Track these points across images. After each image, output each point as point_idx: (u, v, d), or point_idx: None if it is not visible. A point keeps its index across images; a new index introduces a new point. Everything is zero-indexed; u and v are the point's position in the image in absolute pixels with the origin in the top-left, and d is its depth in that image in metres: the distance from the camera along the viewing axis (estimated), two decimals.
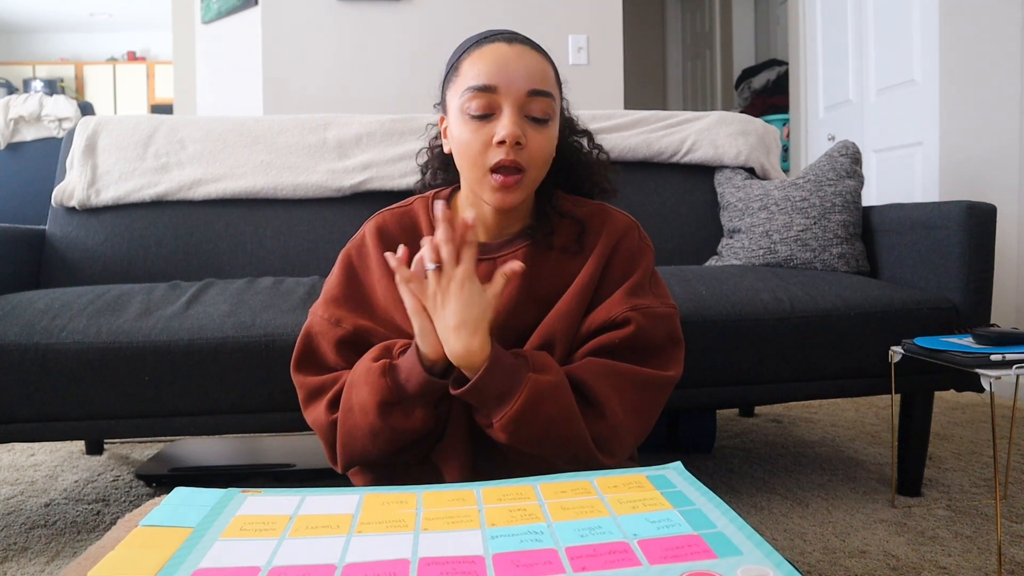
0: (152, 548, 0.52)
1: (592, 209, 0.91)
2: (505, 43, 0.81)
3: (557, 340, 0.83)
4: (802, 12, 3.27)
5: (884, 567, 1.13)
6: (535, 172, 0.82)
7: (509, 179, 0.80)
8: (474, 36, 0.86)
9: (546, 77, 0.82)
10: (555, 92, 0.84)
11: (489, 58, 0.80)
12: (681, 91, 5.46)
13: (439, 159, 0.96)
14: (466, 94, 0.80)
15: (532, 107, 0.80)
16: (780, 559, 0.49)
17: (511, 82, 0.79)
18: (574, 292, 0.85)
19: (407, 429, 0.76)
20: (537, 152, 0.81)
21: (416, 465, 0.84)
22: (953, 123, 2.40)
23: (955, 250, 1.38)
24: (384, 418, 0.75)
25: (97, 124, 1.76)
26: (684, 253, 1.77)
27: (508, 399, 0.73)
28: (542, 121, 0.81)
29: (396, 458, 0.81)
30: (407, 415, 0.76)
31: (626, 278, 0.87)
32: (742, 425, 2.04)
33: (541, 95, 0.80)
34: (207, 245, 1.67)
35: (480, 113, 0.80)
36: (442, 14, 2.83)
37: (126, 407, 1.18)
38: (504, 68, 0.79)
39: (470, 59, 0.82)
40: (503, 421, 0.73)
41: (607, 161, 0.96)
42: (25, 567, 1.19)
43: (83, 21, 7.79)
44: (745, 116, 1.96)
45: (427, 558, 0.51)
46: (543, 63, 0.83)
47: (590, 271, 0.86)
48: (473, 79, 0.80)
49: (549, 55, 0.86)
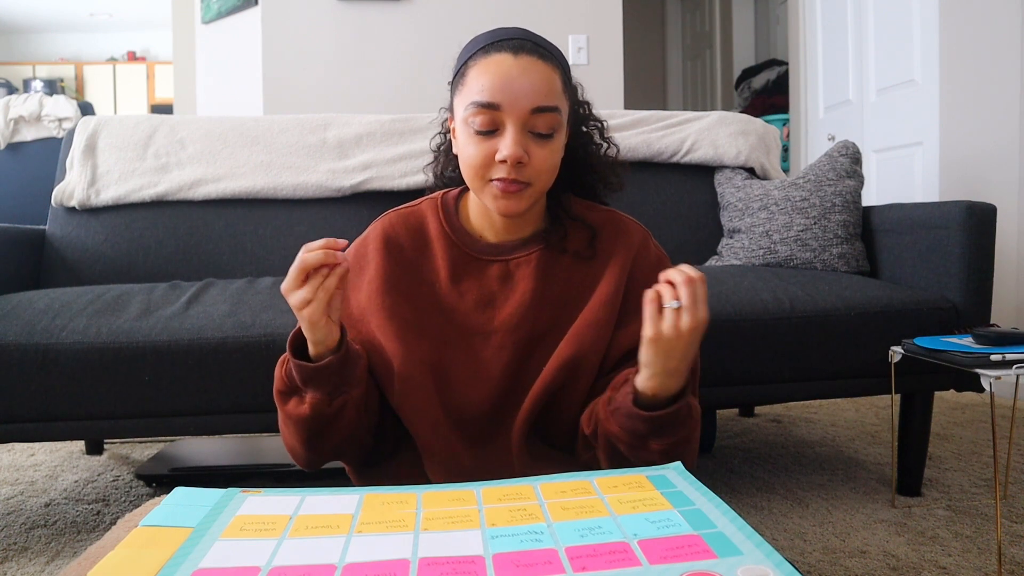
0: (152, 548, 0.52)
1: (605, 216, 0.91)
2: (511, 54, 0.79)
3: (587, 352, 0.83)
4: (802, 12, 3.27)
5: (884, 567, 1.13)
6: (540, 185, 0.82)
7: (511, 186, 0.79)
8: (482, 37, 0.84)
9: (552, 91, 0.80)
10: (561, 103, 0.82)
11: (494, 72, 0.79)
12: (681, 91, 5.46)
13: (450, 156, 0.95)
14: (470, 108, 0.79)
15: (536, 123, 0.79)
16: (780, 559, 0.49)
17: (515, 100, 0.78)
18: (601, 303, 0.85)
19: (302, 415, 0.78)
20: (540, 166, 0.80)
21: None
22: (953, 123, 2.40)
23: (955, 250, 1.38)
24: (283, 406, 0.80)
25: (97, 124, 1.76)
26: (684, 253, 1.77)
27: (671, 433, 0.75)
28: (546, 136, 0.80)
29: (331, 456, 0.84)
30: (300, 401, 0.78)
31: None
32: (742, 425, 2.04)
33: (545, 111, 0.79)
34: (207, 245, 1.67)
35: (483, 129, 0.79)
36: (442, 14, 2.83)
37: (126, 407, 1.18)
38: (508, 85, 0.78)
39: (476, 69, 0.80)
40: (662, 447, 0.74)
41: (615, 157, 0.95)
42: (25, 567, 1.19)
43: (83, 21, 7.79)
44: (745, 116, 1.96)
45: (427, 558, 0.51)
46: (549, 74, 0.81)
47: (613, 283, 0.86)
48: (477, 94, 0.79)
49: (558, 56, 0.84)
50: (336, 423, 0.79)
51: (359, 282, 0.88)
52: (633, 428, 0.74)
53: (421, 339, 0.84)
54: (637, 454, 0.75)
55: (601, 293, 0.85)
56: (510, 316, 0.85)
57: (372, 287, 0.86)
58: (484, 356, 0.85)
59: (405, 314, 0.85)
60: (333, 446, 0.82)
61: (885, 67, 2.71)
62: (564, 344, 0.84)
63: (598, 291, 0.86)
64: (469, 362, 0.85)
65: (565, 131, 0.85)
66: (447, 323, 0.86)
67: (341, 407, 0.78)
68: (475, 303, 0.86)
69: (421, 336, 0.84)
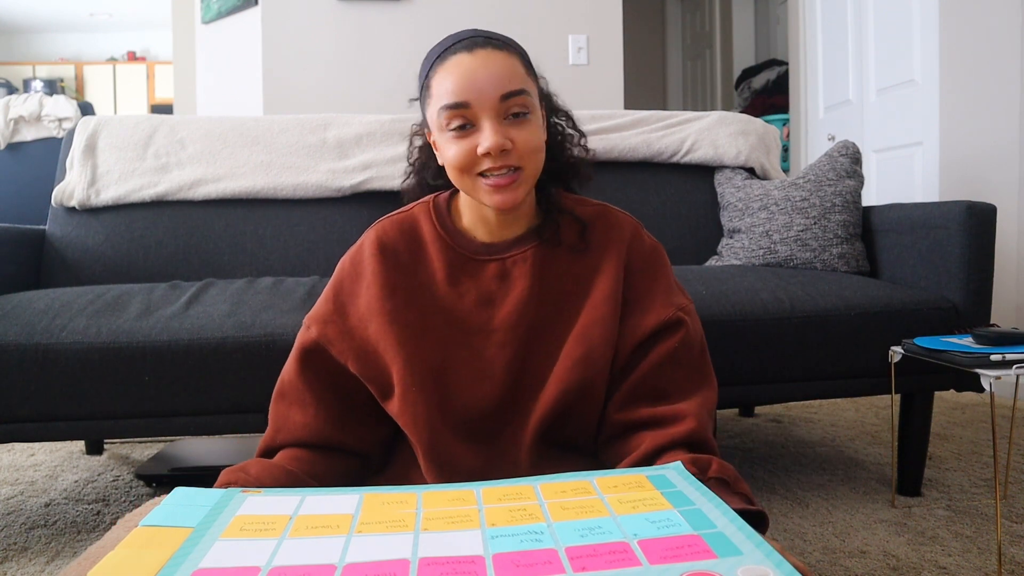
0: (152, 548, 0.52)
1: (595, 210, 0.92)
2: (466, 52, 0.80)
3: (596, 348, 0.84)
4: (802, 12, 3.27)
5: (884, 567, 1.13)
6: (531, 166, 0.82)
7: (503, 179, 0.80)
8: (436, 47, 0.85)
9: (515, 75, 0.81)
10: (528, 85, 0.82)
11: (455, 72, 0.79)
12: (681, 91, 5.46)
13: (437, 164, 0.94)
14: (442, 113, 0.80)
15: (509, 108, 0.80)
16: (780, 559, 0.49)
17: (481, 93, 0.78)
18: (603, 298, 0.86)
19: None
20: (525, 147, 0.80)
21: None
22: (953, 123, 2.40)
23: (955, 250, 1.38)
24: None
25: (97, 124, 1.76)
26: (684, 253, 1.77)
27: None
28: (522, 115, 0.80)
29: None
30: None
31: (651, 281, 0.88)
32: (742, 425, 2.04)
33: (514, 95, 0.80)
34: (207, 245, 1.67)
35: (459, 126, 0.80)
36: (442, 14, 2.83)
37: (126, 407, 1.18)
38: (472, 81, 0.79)
39: (438, 76, 0.81)
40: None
41: (584, 147, 0.94)
42: (25, 567, 1.19)
43: (83, 21, 7.79)
44: (745, 116, 1.96)
45: (427, 558, 0.51)
46: (508, 60, 0.81)
47: (612, 275, 0.87)
48: (445, 97, 0.79)
49: (514, 44, 0.84)
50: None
51: (357, 289, 0.88)
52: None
53: (423, 342, 0.84)
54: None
55: (602, 288, 0.86)
56: (510, 314, 0.85)
57: (371, 293, 0.86)
58: (487, 355, 0.85)
59: (406, 318, 0.85)
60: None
61: (885, 67, 2.71)
62: (573, 343, 0.84)
63: (598, 287, 0.86)
64: (472, 361, 0.85)
65: (541, 114, 0.85)
66: (448, 324, 0.86)
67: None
68: (474, 303, 0.87)
69: (423, 339, 0.84)
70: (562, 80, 0.95)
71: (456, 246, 0.88)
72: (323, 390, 0.86)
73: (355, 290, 0.88)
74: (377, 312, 0.84)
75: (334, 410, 0.86)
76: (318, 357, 0.86)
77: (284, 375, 0.88)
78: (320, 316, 0.87)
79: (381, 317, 0.84)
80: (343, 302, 0.88)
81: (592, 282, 0.87)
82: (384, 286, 0.86)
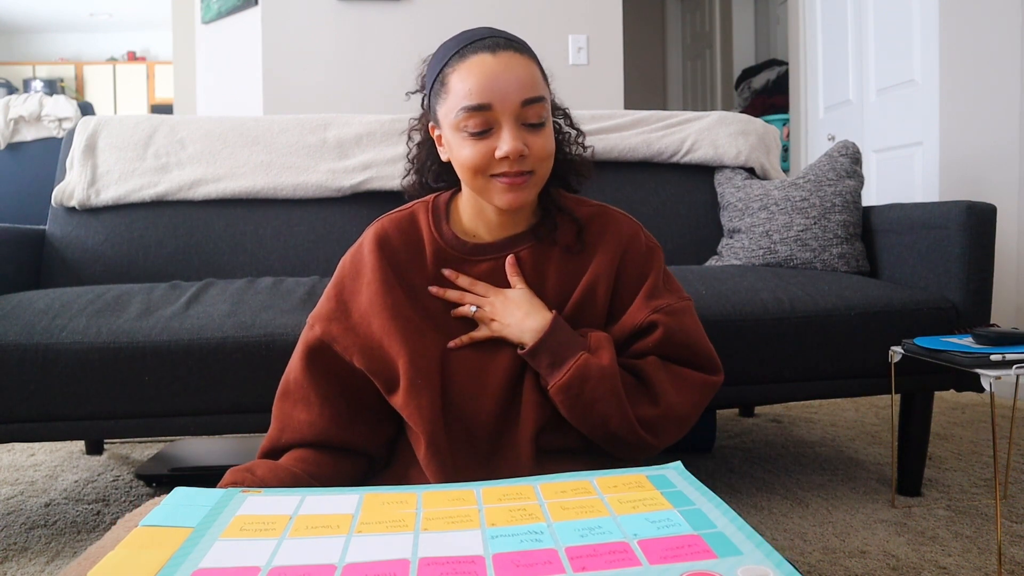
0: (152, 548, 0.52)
1: (594, 210, 0.92)
2: (489, 53, 0.80)
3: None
4: (802, 12, 3.27)
5: (884, 567, 1.13)
6: (542, 172, 0.84)
7: (517, 179, 0.81)
8: (453, 42, 0.84)
9: (535, 81, 0.82)
10: (545, 92, 0.84)
11: (477, 73, 0.79)
12: (681, 91, 5.46)
13: (439, 165, 0.95)
14: (461, 113, 0.80)
15: (528, 114, 0.80)
16: (780, 559, 0.49)
17: (505, 97, 0.79)
18: (583, 291, 0.88)
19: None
20: (540, 153, 0.82)
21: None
22: (953, 123, 2.40)
23: (955, 250, 1.38)
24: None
25: (97, 124, 1.76)
26: (684, 253, 1.77)
27: (559, 369, 0.81)
28: (539, 125, 0.82)
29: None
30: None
31: (641, 282, 0.88)
32: (742, 425, 2.04)
33: (534, 102, 0.80)
34: (207, 245, 1.67)
35: (478, 130, 0.80)
36: (442, 14, 2.83)
37: (126, 407, 1.18)
38: (495, 83, 0.79)
39: (457, 73, 0.81)
40: (554, 389, 0.82)
41: (581, 148, 0.95)
42: (25, 567, 1.19)
43: (83, 21, 7.79)
44: (745, 116, 1.96)
45: (427, 558, 0.51)
46: (529, 66, 0.82)
47: (597, 272, 0.88)
48: (465, 98, 0.79)
49: (530, 49, 0.85)
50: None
51: (358, 287, 0.88)
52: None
53: (425, 336, 0.85)
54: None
55: (584, 283, 0.88)
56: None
57: (372, 289, 0.86)
58: (484, 351, 0.86)
59: (408, 312, 0.85)
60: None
61: (885, 67, 2.71)
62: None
63: (582, 281, 0.88)
64: (473, 358, 0.86)
65: (551, 120, 0.86)
66: (445, 321, 0.87)
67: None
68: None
69: (425, 333, 0.85)
70: (562, 80, 0.95)
71: (448, 247, 0.89)
72: (328, 388, 0.86)
73: (356, 287, 0.88)
74: (379, 308, 0.85)
75: (338, 408, 0.86)
76: (323, 355, 0.86)
77: (288, 374, 0.88)
78: (323, 314, 0.88)
79: (384, 312, 0.84)
80: (345, 300, 0.88)
81: (577, 282, 0.88)
82: (384, 282, 0.86)
